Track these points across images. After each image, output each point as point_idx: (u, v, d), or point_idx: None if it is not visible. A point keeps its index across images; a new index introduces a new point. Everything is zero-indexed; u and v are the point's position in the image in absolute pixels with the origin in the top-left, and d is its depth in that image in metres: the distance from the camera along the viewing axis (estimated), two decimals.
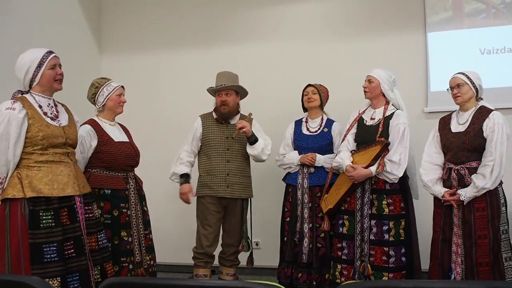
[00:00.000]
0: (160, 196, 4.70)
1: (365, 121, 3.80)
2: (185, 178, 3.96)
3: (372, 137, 3.68)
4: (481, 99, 3.48)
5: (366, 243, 3.60)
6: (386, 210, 3.60)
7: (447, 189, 3.39)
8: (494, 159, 3.21)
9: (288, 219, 4.05)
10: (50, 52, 2.92)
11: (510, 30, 4.44)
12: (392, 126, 3.66)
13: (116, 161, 3.39)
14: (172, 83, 5.29)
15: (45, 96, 2.91)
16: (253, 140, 3.89)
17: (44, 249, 2.70)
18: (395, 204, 3.62)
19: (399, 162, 3.55)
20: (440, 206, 3.45)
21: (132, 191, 3.44)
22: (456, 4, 4.61)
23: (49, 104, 2.92)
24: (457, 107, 3.54)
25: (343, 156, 3.75)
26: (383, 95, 3.79)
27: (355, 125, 3.84)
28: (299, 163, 4.01)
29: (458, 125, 3.44)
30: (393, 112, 3.72)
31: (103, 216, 3.30)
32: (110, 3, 5.54)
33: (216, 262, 4.10)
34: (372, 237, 3.60)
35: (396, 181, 3.59)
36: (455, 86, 3.44)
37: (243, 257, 4.17)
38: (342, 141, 3.85)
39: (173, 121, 5.08)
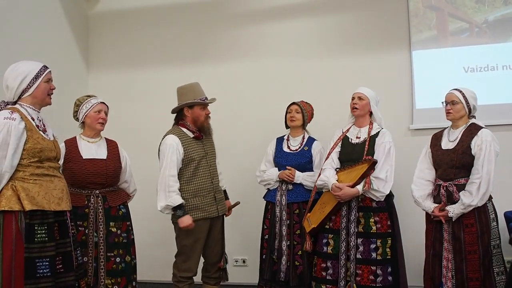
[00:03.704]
0: (141, 213, 4.65)
1: (350, 140, 3.80)
2: (183, 209, 3.57)
3: (358, 155, 3.68)
4: (473, 117, 3.52)
5: (352, 262, 3.56)
6: (374, 228, 3.58)
7: (436, 205, 3.42)
8: (480, 177, 3.25)
9: (267, 236, 4.02)
10: (46, 67, 2.91)
11: (493, 48, 4.53)
12: (377, 144, 3.67)
13: (76, 178, 3.35)
14: (159, 100, 5.29)
15: (35, 109, 2.87)
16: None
17: (37, 264, 2.67)
18: (382, 222, 3.60)
19: (385, 179, 3.56)
20: (432, 221, 3.48)
21: (92, 209, 3.37)
22: (440, 23, 4.69)
23: (38, 117, 2.89)
24: (445, 123, 3.59)
25: (328, 174, 3.71)
26: (369, 114, 3.81)
27: (339, 144, 3.84)
28: (278, 179, 4.01)
29: (448, 142, 3.48)
30: (379, 131, 3.74)
31: None
32: (98, 21, 5.57)
33: (198, 279, 4.00)
34: (358, 255, 3.56)
35: (383, 199, 3.59)
36: (450, 102, 3.48)
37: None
38: (326, 159, 3.82)
39: (159, 138, 5.06)
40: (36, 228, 2.70)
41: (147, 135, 5.20)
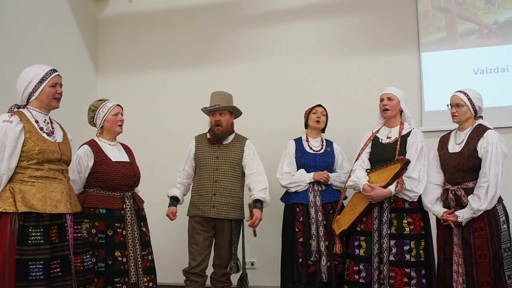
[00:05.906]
0: (157, 216, 4.68)
1: (380, 140, 3.74)
2: (172, 200, 3.99)
3: (389, 155, 3.61)
4: (481, 117, 3.47)
5: (385, 265, 3.48)
6: (407, 229, 3.51)
7: (445, 210, 3.39)
8: (488, 180, 3.21)
9: (301, 239, 3.93)
10: (54, 70, 2.92)
11: (503, 50, 4.51)
12: (409, 144, 3.61)
13: (112, 181, 3.37)
14: (168, 103, 5.32)
15: (42, 112, 2.88)
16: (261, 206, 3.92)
17: (30, 266, 2.63)
18: (415, 224, 3.53)
19: (418, 178, 3.49)
20: (442, 225, 3.45)
21: (128, 211, 3.41)
22: (450, 25, 4.67)
23: (45, 120, 2.90)
24: (453, 126, 3.56)
25: (359, 175, 3.66)
26: (400, 113, 3.76)
27: (369, 144, 3.78)
28: (312, 180, 3.98)
29: (455, 145, 3.45)
30: (410, 131, 3.68)
31: (97, 236, 3.27)
32: (107, 24, 5.61)
33: (208, 282, 4.02)
34: (392, 258, 3.48)
35: (416, 199, 3.52)
36: (454, 105, 3.45)
37: (235, 279, 4.08)
38: (356, 160, 3.77)
39: (169, 141, 5.09)
40: (30, 230, 2.67)
41: (156, 137, 5.22)
